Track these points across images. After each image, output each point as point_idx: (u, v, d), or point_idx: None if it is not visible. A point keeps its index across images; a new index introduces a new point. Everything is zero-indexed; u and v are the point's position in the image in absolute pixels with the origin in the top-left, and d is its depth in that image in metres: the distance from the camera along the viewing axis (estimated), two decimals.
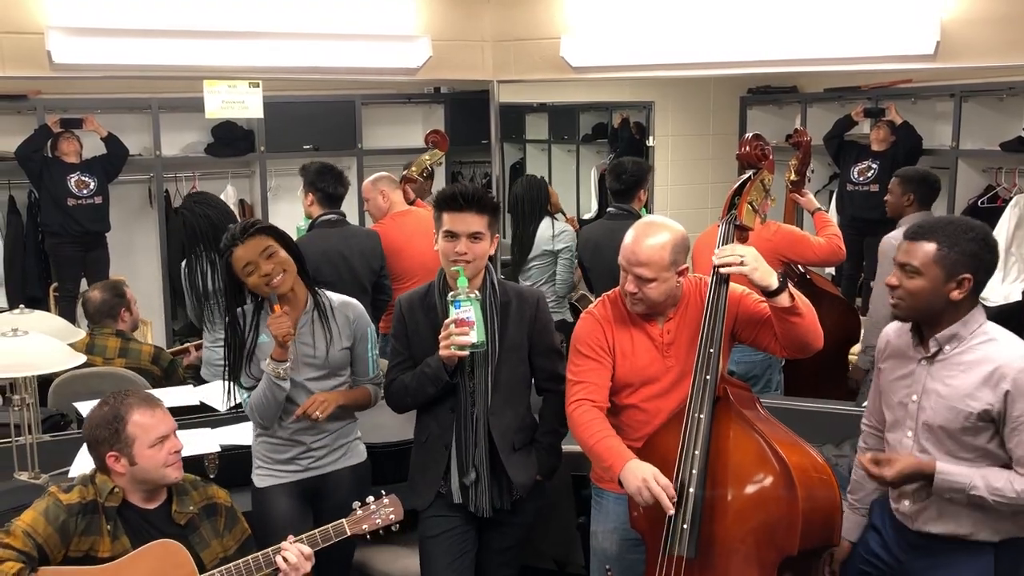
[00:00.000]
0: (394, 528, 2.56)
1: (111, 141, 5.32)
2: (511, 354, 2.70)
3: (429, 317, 2.70)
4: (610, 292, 2.67)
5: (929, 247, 2.23)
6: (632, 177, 4.24)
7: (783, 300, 2.36)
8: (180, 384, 3.91)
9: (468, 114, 5.80)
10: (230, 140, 5.83)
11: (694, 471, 2.32)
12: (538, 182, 4.97)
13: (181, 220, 4.29)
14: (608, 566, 2.64)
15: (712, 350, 2.39)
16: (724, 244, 2.46)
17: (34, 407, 3.18)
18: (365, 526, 2.52)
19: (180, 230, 4.40)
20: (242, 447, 3.08)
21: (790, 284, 2.39)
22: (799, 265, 3.98)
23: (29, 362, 2.87)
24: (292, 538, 2.45)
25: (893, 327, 2.46)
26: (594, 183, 6.94)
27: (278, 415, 2.76)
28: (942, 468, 2.23)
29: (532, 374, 2.79)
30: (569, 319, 4.64)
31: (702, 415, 2.35)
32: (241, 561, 2.43)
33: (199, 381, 4.05)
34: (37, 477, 3.08)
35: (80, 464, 3.11)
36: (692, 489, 2.31)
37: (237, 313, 2.77)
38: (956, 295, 2.23)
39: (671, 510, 2.27)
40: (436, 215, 2.65)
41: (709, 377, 2.37)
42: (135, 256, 5.70)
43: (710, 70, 4.20)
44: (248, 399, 2.76)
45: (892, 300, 2.32)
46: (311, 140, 5.90)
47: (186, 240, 4.19)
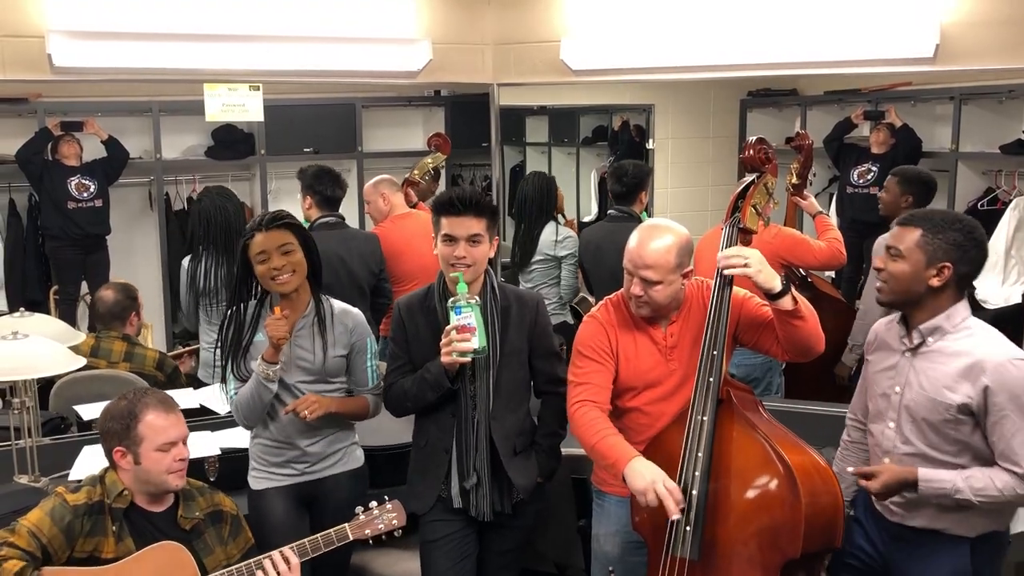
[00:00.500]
0: (397, 534, 2.55)
1: (111, 144, 5.30)
2: (512, 358, 2.70)
3: (428, 320, 2.69)
4: (612, 296, 2.67)
5: (915, 233, 2.31)
6: (633, 180, 4.25)
7: (786, 303, 2.36)
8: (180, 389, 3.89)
9: (468, 117, 5.78)
10: (230, 143, 5.81)
11: (697, 473, 2.32)
12: (548, 181, 4.89)
13: (197, 209, 4.24)
14: (611, 568, 2.64)
15: (716, 352, 2.39)
16: (728, 247, 2.46)
17: (34, 410, 3.17)
18: (368, 531, 2.52)
19: (193, 219, 4.27)
20: (242, 450, 3.06)
21: (793, 287, 2.40)
22: (800, 268, 3.98)
23: (29, 365, 2.87)
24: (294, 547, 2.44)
25: (883, 321, 2.51)
26: (594, 186, 6.93)
27: (262, 416, 2.76)
28: (924, 475, 2.26)
29: (531, 377, 2.78)
30: (570, 321, 4.63)
31: (705, 417, 2.35)
32: (234, 567, 2.43)
33: (198, 383, 4.04)
34: (37, 480, 3.08)
35: (80, 467, 3.10)
36: (695, 491, 2.31)
37: (239, 307, 2.77)
38: (935, 282, 2.29)
39: (677, 515, 2.27)
40: (434, 219, 2.65)
41: (712, 379, 2.37)
42: (135, 259, 5.67)
43: (710, 73, 4.19)
44: (235, 395, 2.76)
45: (877, 283, 2.38)
46: (311, 143, 5.88)
47: (198, 230, 4.13)
